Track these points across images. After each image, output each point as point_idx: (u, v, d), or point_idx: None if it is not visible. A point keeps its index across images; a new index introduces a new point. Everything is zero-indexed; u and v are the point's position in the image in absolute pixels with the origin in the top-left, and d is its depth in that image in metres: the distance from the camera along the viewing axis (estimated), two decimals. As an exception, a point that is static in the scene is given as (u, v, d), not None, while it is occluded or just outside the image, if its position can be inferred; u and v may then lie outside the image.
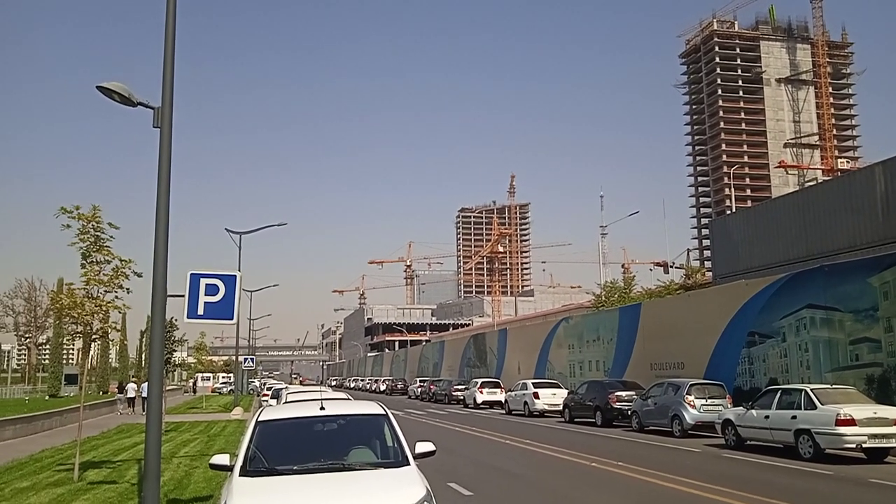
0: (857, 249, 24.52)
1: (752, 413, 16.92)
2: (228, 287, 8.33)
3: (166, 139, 8.09)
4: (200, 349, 55.43)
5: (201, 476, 12.74)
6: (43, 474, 13.75)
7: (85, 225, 12.70)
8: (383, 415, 7.12)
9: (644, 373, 27.71)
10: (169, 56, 8.20)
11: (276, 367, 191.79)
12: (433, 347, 72.32)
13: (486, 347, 51.43)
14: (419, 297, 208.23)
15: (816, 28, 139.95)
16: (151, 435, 7.68)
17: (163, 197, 7.98)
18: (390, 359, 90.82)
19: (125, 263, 12.95)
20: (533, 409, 30.67)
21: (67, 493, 11.48)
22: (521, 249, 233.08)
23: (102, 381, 68.97)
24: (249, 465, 6.28)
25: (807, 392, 15.61)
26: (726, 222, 41.44)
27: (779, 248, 29.71)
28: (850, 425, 14.28)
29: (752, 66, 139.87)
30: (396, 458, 6.50)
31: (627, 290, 48.78)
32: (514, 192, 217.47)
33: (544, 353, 39.63)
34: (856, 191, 26.99)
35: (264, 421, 6.94)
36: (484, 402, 38.22)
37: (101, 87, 8.61)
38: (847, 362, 19.01)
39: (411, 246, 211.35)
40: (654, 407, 21.88)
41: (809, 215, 29.04)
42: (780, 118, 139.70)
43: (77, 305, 12.79)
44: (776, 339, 21.62)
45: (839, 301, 19.40)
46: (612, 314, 34.49)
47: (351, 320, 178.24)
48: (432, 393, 49.18)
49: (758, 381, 22.06)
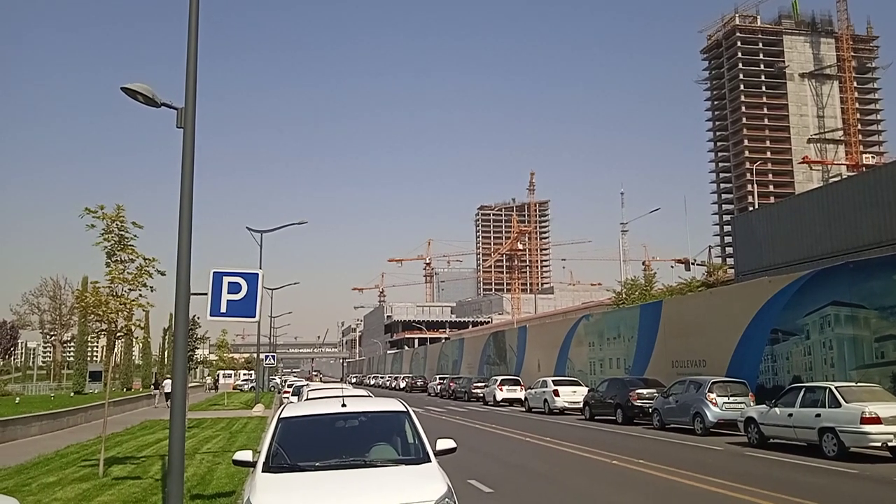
0: (882, 245, 24.18)
1: (775, 411, 16.76)
2: (250, 285, 8.40)
3: (189, 139, 8.17)
4: (222, 346, 56.04)
5: (224, 472, 12.87)
6: (69, 469, 13.96)
7: (109, 224, 12.88)
8: (404, 412, 7.15)
9: (665, 370, 27.56)
10: (192, 59, 8.28)
11: (297, 365, 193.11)
12: (453, 345, 72.34)
13: (505, 345, 51.39)
14: (439, 295, 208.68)
15: (841, 22, 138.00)
16: (175, 431, 7.77)
17: (186, 196, 8.07)
18: (410, 356, 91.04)
19: (149, 262, 13.12)
20: (553, 407, 30.60)
21: (93, 488, 11.65)
22: (540, 247, 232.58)
23: (126, 379, 69.78)
24: (272, 461, 6.33)
25: (831, 390, 15.43)
26: (749, 219, 41.00)
27: (803, 245, 29.37)
28: (876, 423, 14.09)
29: (775, 61, 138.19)
30: (418, 455, 6.52)
31: (648, 287, 48.47)
32: (533, 190, 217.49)
33: (564, 350, 39.53)
34: (881, 186, 26.61)
35: (286, 418, 6.99)
36: (504, 400, 38.23)
37: (126, 88, 8.72)
38: (872, 360, 18.76)
39: (431, 244, 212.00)
40: (675, 405, 21.75)
41: (834, 211, 28.68)
42: (803, 113, 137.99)
43: (102, 303, 12.97)
44: (800, 336, 21.40)
45: (864, 298, 19.15)
46: (632, 312, 34.32)
47: (371, 318, 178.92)
48: (452, 390, 49.25)
49: (781, 378, 21.85)
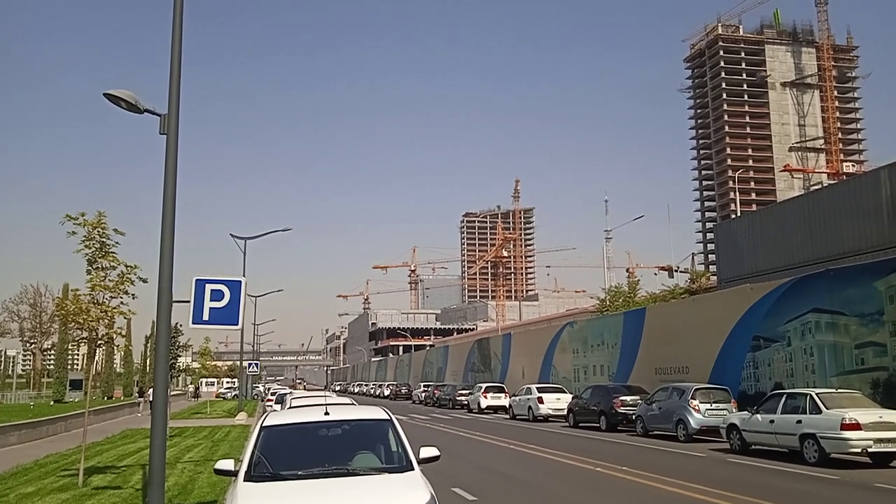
0: (862, 253, 24.46)
1: (756, 417, 16.88)
2: (233, 292, 8.37)
3: (172, 145, 8.15)
4: (205, 354, 55.67)
5: (205, 481, 12.74)
6: (48, 479, 13.78)
7: (90, 231, 12.76)
8: (388, 420, 7.13)
9: (648, 377, 27.68)
10: (175, 65, 8.27)
11: (280, 372, 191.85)
12: (437, 352, 72.27)
13: (490, 352, 51.41)
14: (423, 302, 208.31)
15: (821, 32, 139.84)
16: (156, 440, 7.72)
17: (168, 202, 8.03)
18: (394, 363, 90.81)
19: (130, 269, 13.00)
20: (537, 414, 30.63)
21: (72, 498, 11.51)
22: (525, 254, 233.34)
23: (107, 387, 69.13)
24: (254, 470, 6.28)
25: (812, 396, 15.56)
26: (731, 226, 41.36)
27: (784, 252, 29.65)
28: (856, 429, 14.21)
29: (757, 70, 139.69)
30: (401, 463, 6.50)
31: (632, 294, 48.76)
32: (518, 197, 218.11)
33: (549, 357, 39.61)
34: (861, 194, 26.93)
35: (269, 426, 6.94)
36: (488, 407, 38.17)
37: (108, 94, 8.68)
38: (852, 366, 18.96)
39: (416, 251, 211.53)
40: (658, 411, 21.84)
41: (815, 219, 28.98)
42: (785, 122, 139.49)
43: (82, 311, 12.82)
44: (781, 343, 21.57)
45: (845, 305, 19.35)
46: (616, 319, 34.47)
47: (355, 325, 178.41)
48: (436, 398, 49.13)
49: (763, 385, 22.02)
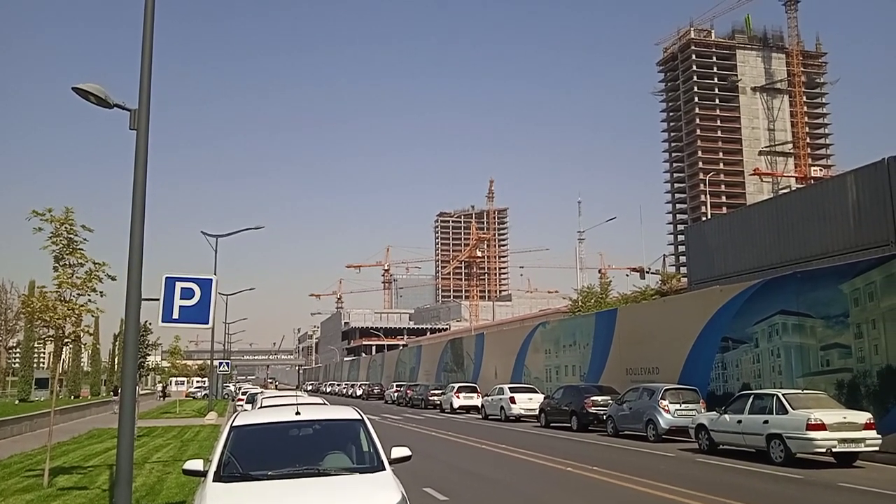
0: (829, 256, 24.85)
1: (724, 418, 17.12)
2: (204, 291, 8.29)
3: (143, 141, 8.03)
4: (175, 353, 54.95)
5: (174, 482, 12.61)
6: (11, 480, 13.53)
7: (58, 227, 12.57)
8: (359, 420, 7.11)
9: (619, 378, 27.89)
10: (147, 58, 8.15)
11: (252, 372, 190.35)
12: (410, 352, 72.15)
13: (463, 352, 51.44)
14: (397, 302, 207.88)
15: (791, 38, 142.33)
16: (123, 440, 7.61)
17: (138, 199, 7.92)
18: (367, 363, 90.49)
19: (99, 266, 12.83)
20: (509, 414, 30.74)
21: (37, 498, 11.32)
22: (499, 254, 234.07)
23: (74, 386, 67.91)
24: (223, 470, 6.22)
25: (778, 397, 15.82)
26: (702, 228, 41.82)
27: (753, 255, 30.04)
28: (821, 430, 14.49)
29: (728, 75, 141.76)
30: (372, 464, 6.49)
31: (604, 295, 49.13)
32: (492, 197, 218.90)
33: (521, 357, 39.73)
34: (828, 199, 27.37)
35: (239, 426, 6.89)
36: (461, 407, 38.23)
37: (77, 88, 8.54)
38: (818, 368, 19.27)
39: (389, 250, 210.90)
40: (629, 412, 22.04)
41: (783, 222, 29.39)
42: (755, 126, 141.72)
43: (49, 309, 12.62)
44: (749, 344, 21.87)
45: (811, 307, 19.67)
46: (588, 319, 34.69)
47: (328, 324, 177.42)
48: (409, 398, 49.07)
49: (731, 386, 22.30)
